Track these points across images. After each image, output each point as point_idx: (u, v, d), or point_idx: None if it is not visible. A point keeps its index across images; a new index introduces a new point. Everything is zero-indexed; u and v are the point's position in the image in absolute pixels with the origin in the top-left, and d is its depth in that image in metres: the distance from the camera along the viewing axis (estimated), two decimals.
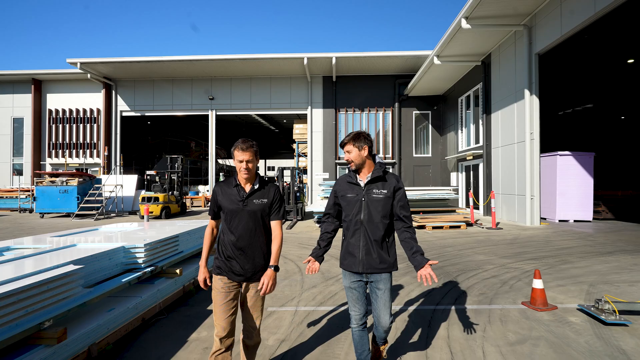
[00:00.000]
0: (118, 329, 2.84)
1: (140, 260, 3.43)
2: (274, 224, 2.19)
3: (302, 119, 19.52)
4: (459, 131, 15.40)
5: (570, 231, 8.70)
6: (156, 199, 12.89)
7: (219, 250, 2.19)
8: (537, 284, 3.55)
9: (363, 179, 2.16)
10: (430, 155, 17.95)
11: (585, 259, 5.68)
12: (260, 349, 2.78)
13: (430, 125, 17.91)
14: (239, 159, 2.08)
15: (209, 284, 2.18)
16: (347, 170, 2.25)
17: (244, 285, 2.16)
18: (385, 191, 2.11)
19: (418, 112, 17.97)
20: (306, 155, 18.70)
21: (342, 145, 2.19)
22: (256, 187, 2.15)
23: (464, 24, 9.82)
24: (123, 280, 3.07)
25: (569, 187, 10.30)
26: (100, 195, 13.67)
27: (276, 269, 2.11)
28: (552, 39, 8.86)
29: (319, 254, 2.21)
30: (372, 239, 2.09)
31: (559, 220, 10.38)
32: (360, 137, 2.14)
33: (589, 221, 10.32)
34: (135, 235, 4.02)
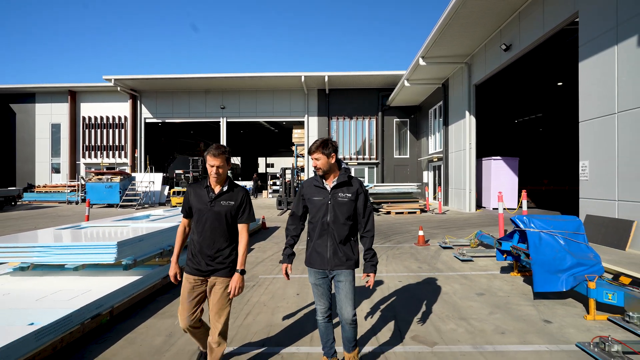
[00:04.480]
0: None
1: None
2: (241, 227, 2.28)
3: (300, 124, 22.76)
4: (429, 137, 18.76)
5: (489, 215, 12.11)
6: (184, 192, 16.22)
7: (189, 248, 2.29)
8: (420, 232, 6.95)
9: (329, 183, 2.28)
10: (408, 156, 21.33)
11: (475, 228, 9.05)
12: (269, 255, 6.10)
13: (408, 131, 21.28)
14: (211, 163, 2.19)
15: (179, 279, 2.30)
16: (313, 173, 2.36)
17: (209, 280, 2.24)
18: (349, 195, 2.25)
19: (398, 119, 21.32)
20: (303, 156, 22.00)
21: (310, 152, 2.26)
22: (224, 189, 2.27)
23: (421, 62, 13.12)
24: None
25: (500, 183, 13.71)
26: (137, 189, 17.01)
27: (242, 272, 2.20)
28: (482, 76, 12.18)
29: (291, 260, 2.39)
30: (337, 239, 2.24)
31: (493, 208, 13.78)
32: (327, 145, 2.23)
33: (514, 209, 13.73)
34: None
